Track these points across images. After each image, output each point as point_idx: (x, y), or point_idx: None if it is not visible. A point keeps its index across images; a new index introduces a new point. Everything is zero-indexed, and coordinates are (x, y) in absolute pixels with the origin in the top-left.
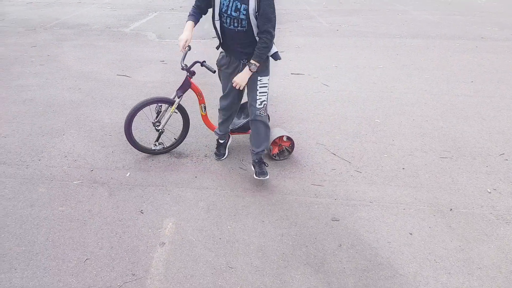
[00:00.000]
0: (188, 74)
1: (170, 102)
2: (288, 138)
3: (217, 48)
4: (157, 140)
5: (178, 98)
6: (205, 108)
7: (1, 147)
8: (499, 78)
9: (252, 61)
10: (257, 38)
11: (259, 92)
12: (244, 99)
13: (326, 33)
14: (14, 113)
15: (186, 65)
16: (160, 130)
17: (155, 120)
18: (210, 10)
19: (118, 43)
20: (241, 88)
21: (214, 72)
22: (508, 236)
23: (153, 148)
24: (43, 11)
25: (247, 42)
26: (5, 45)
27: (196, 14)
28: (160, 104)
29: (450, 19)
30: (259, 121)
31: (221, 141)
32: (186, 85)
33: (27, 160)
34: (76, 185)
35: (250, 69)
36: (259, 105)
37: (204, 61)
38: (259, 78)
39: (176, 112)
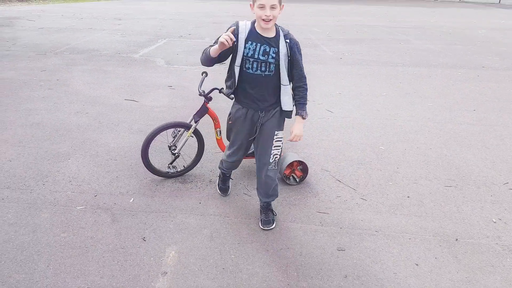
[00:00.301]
0: (205, 99)
1: (187, 127)
2: (303, 170)
3: (229, 94)
4: (171, 163)
5: (195, 122)
6: (220, 132)
7: (6, 171)
8: (501, 107)
9: (300, 111)
10: (283, 86)
11: (274, 147)
12: None
13: (330, 61)
14: (21, 137)
15: (203, 91)
16: (177, 154)
17: (172, 144)
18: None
19: (127, 68)
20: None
21: (233, 98)
22: None
23: (167, 170)
24: (54, 36)
25: (273, 88)
26: (15, 69)
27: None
28: (178, 129)
29: (451, 49)
30: (270, 176)
31: (227, 175)
32: (203, 111)
33: (32, 184)
34: (79, 210)
35: (303, 118)
36: (271, 159)
37: (223, 88)
38: (276, 132)
39: (192, 137)
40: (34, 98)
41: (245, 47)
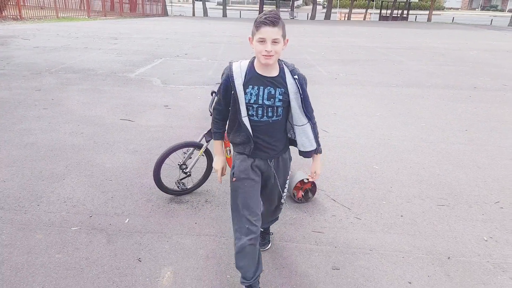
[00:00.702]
0: None
1: (197, 146)
2: (304, 196)
3: (248, 154)
4: (181, 179)
5: (207, 142)
6: (230, 151)
7: (0, 192)
8: (492, 127)
9: (319, 147)
10: (297, 127)
11: (285, 189)
12: None
13: (325, 81)
14: (15, 157)
15: None
16: (188, 173)
17: (182, 162)
18: None
19: (122, 88)
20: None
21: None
22: (505, 285)
23: (177, 185)
24: (49, 55)
25: (281, 133)
26: (10, 88)
27: (221, 127)
28: (188, 148)
29: (444, 70)
30: (280, 209)
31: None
32: None
33: (26, 205)
34: (74, 231)
35: (320, 153)
36: (283, 201)
37: None
38: (287, 177)
39: (203, 155)
40: (29, 118)
41: (245, 93)
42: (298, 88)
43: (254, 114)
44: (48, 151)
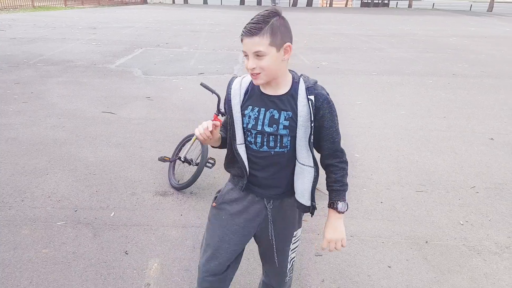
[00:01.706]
0: (215, 112)
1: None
2: None
3: (242, 189)
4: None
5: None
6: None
7: None
8: (470, 113)
9: (334, 201)
10: (300, 165)
11: (291, 250)
12: None
13: (308, 71)
14: None
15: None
16: (194, 163)
17: (181, 155)
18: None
19: (103, 79)
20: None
21: (213, 93)
22: (479, 267)
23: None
24: (27, 47)
25: (289, 170)
26: None
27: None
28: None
29: (424, 57)
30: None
31: None
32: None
33: (10, 201)
34: (60, 226)
35: (341, 212)
36: (290, 267)
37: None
38: (294, 233)
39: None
40: (9, 112)
41: (243, 115)
42: (311, 113)
43: (253, 142)
44: (30, 145)
